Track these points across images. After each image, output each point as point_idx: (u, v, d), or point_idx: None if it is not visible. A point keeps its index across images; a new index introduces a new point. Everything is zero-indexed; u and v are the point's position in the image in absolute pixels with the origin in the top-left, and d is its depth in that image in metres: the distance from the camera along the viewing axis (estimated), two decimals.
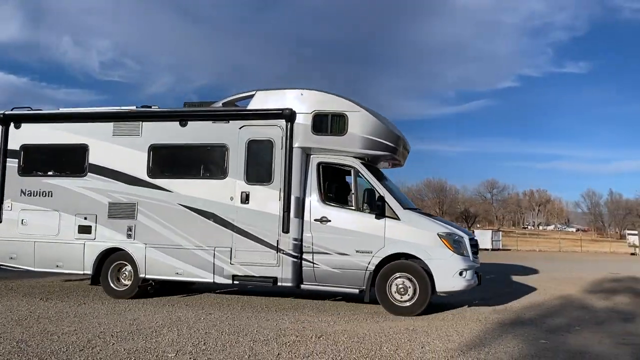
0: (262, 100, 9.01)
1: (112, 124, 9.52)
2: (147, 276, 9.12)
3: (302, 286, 8.65)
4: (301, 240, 8.59)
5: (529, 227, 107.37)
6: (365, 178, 8.60)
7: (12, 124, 9.93)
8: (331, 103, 8.74)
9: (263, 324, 7.15)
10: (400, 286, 8.21)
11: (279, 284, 8.61)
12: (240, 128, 8.93)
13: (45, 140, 9.83)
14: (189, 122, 9.17)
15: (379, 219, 8.36)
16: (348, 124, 8.58)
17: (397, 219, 8.33)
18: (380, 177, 8.84)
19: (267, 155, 8.82)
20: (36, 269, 9.69)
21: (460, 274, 8.16)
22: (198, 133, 9.15)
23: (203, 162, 9.34)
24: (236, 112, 9.17)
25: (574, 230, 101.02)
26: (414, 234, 8.29)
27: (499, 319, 8.09)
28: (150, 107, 9.69)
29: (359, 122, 8.61)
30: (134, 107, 9.67)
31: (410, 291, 8.18)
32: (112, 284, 9.36)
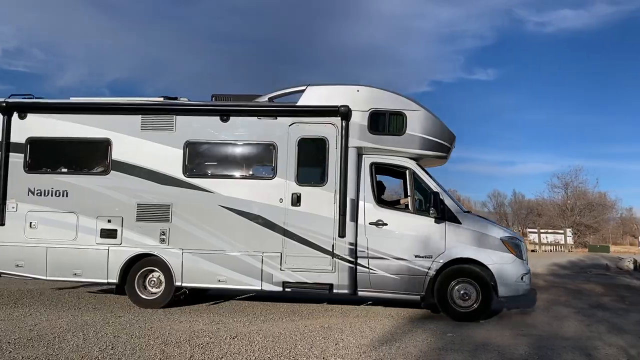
0: (314, 96, 8.46)
1: (139, 116, 8.60)
2: (183, 284, 8.36)
3: (359, 293, 8.25)
4: (356, 244, 8.18)
5: None
6: (423, 180, 8.32)
7: (15, 114, 8.75)
8: (389, 101, 8.37)
9: (176, 326, 6.98)
10: (463, 292, 8.01)
11: (334, 291, 8.16)
12: (290, 125, 8.36)
13: (57, 133, 8.73)
14: (231, 118, 8.46)
15: (438, 222, 8.12)
16: (406, 123, 8.25)
17: (458, 222, 8.13)
18: (433, 179, 8.58)
19: (320, 155, 8.33)
20: (48, 278, 8.62)
21: (522, 278, 8.09)
22: (242, 129, 8.48)
23: (248, 160, 8.68)
24: (286, 108, 8.55)
25: None
26: (476, 238, 8.11)
27: (410, 314, 8.33)
28: (175, 98, 8.87)
29: (418, 122, 8.30)
30: (160, 99, 8.78)
31: (473, 297, 8.00)
32: (140, 293, 8.50)
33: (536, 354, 5.94)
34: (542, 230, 44.38)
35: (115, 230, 8.45)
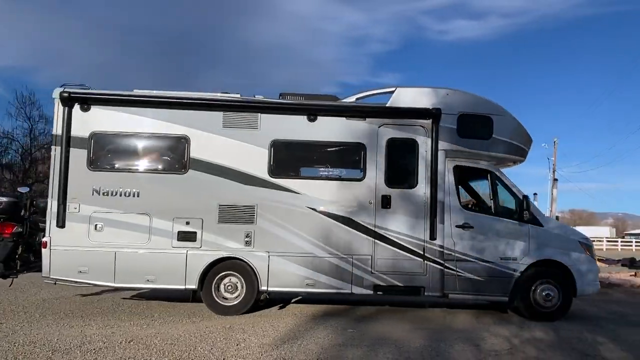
0: (402, 98, 8.41)
1: (221, 113, 8.14)
2: (269, 289, 8.00)
3: (450, 296, 8.28)
4: (443, 247, 8.21)
5: None
6: (505, 183, 8.51)
7: (77, 106, 7.97)
8: (477, 105, 8.51)
9: (65, 332, 6.66)
10: (546, 293, 8.27)
11: (425, 293, 8.15)
12: (379, 127, 8.26)
13: (126, 128, 8.08)
14: (318, 117, 8.21)
15: (522, 225, 8.34)
16: (494, 128, 8.41)
17: (540, 225, 8.39)
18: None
19: (409, 157, 8.31)
20: (116, 285, 7.94)
21: (595, 278, 8.49)
22: (329, 130, 8.25)
23: (336, 161, 8.52)
24: (376, 109, 8.43)
25: None
26: (558, 240, 8.43)
27: (314, 311, 8.50)
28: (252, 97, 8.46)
29: (504, 126, 8.50)
30: (238, 95, 8.34)
31: (555, 298, 8.28)
32: (218, 299, 8.03)
33: (430, 346, 6.33)
34: None
35: (195, 233, 7.93)
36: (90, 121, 7.97)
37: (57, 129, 7.94)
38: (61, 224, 7.80)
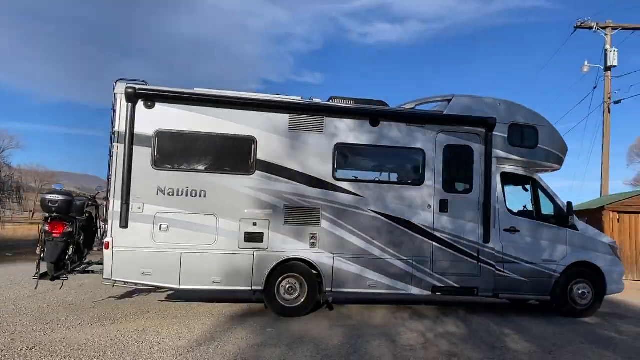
0: (458, 106, 8.76)
1: (287, 115, 8.17)
2: (333, 289, 8.12)
3: (500, 296, 8.72)
4: (494, 250, 8.65)
5: None
6: (545, 190, 9.07)
7: (141, 103, 7.76)
8: (525, 115, 9.01)
9: None
10: (581, 292, 8.90)
11: (479, 294, 8.55)
12: (438, 133, 8.58)
13: (192, 127, 7.93)
14: (380, 122, 8.42)
15: (561, 229, 8.93)
16: (539, 138, 8.94)
17: (576, 229, 9.02)
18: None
19: (465, 164, 8.68)
20: (181, 287, 7.78)
21: (620, 279, 9.24)
22: (391, 134, 8.47)
23: (396, 166, 8.80)
24: (435, 116, 8.73)
25: None
26: (592, 243, 9.09)
27: (232, 311, 8.38)
28: (310, 99, 8.55)
29: (547, 136, 9.04)
30: (299, 98, 8.39)
31: (589, 296, 8.94)
32: (280, 301, 8.07)
33: (348, 343, 6.48)
34: None
35: (262, 234, 7.93)
36: (154, 118, 7.78)
37: (120, 125, 7.68)
38: (124, 224, 7.56)
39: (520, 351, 6.46)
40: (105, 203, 8.01)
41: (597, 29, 21.27)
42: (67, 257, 7.97)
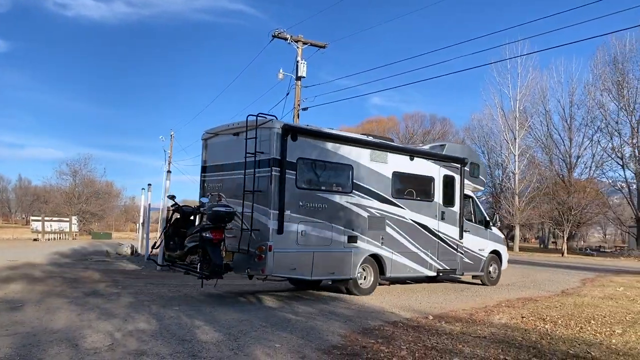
0: (449, 149, 13.38)
1: (369, 150, 11.30)
2: (391, 275, 11.69)
3: (458, 274, 13.60)
4: (463, 243, 13.39)
5: None
6: (478, 204, 14.30)
7: (289, 136, 9.86)
8: (474, 156, 14.32)
9: None
10: (493, 267, 14.41)
11: (457, 274, 13.31)
12: (440, 166, 12.86)
13: (319, 156, 10.43)
14: (415, 158, 12.29)
15: (485, 229, 14.31)
16: (480, 171, 14.15)
17: (491, 229, 14.52)
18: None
19: (452, 187, 13.17)
20: (312, 278, 10.37)
21: (505, 261, 15.18)
22: (419, 166, 12.39)
23: (420, 187, 12.56)
24: (441, 156, 13.00)
25: None
26: (498, 238, 14.77)
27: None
28: (391, 139, 12.15)
29: (482, 170, 14.39)
30: (370, 138, 11.85)
31: (497, 271, 14.54)
32: (359, 284, 11.18)
33: (18, 355, 5.58)
34: (46, 218, 44.04)
35: (356, 237, 10.90)
36: (297, 149, 9.97)
37: (276, 153, 9.67)
38: (280, 231, 9.62)
39: (209, 341, 6.42)
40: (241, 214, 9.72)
41: (291, 41, 23.07)
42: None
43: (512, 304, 10.56)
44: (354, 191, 10.95)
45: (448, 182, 13.11)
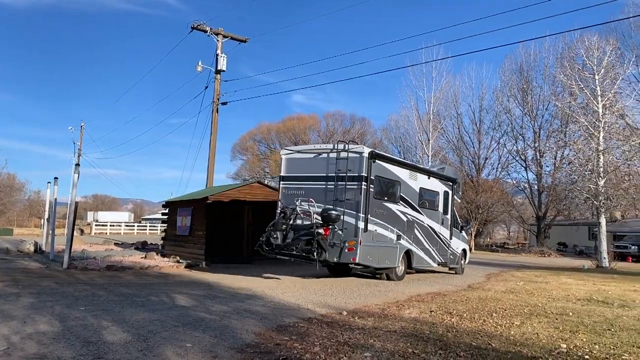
0: (447, 170, 17.63)
1: (409, 171, 14.94)
2: (414, 266, 15.24)
3: (449, 264, 17.54)
4: (452, 243, 17.35)
5: None
6: (455, 212, 18.64)
7: (372, 159, 13.02)
8: (458, 176, 18.88)
9: None
10: (463, 261, 18.90)
11: (449, 265, 17.34)
12: (442, 184, 16.78)
13: (385, 174, 13.69)
14: (430, 177, 16.09)
15: (460, 232, 18.52)
16: (460, 187, 18.93)
17: (462, 233, 18.98)
18: None
19: (447, 200, 17.10)
20: (377, 266, 13.70)
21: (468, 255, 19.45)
22: (432, 183, 16.17)
23: (432, 200, 16.19)
24: (443, 175, 17.03)
25: None
26: (464, 239, 19.73)
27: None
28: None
29: (460, 186, 19.29)
30: (412, 163, 16.40)
31: (464, 264, 19.22)
32: (397, 272, 14.52)
33: None
34: None
35: (401, 236, 14.37)
36: (374, 168, 13.11)
37: (364, 171, 12.79)
38: (365, 229, 12.76)
39: (117, 342, 6.08)
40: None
41: (211, 33, 22.92)
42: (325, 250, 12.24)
43: (422, 299, 10.87)
44: (400, 201, 14.38)
45: (446, 196, 17.05)
